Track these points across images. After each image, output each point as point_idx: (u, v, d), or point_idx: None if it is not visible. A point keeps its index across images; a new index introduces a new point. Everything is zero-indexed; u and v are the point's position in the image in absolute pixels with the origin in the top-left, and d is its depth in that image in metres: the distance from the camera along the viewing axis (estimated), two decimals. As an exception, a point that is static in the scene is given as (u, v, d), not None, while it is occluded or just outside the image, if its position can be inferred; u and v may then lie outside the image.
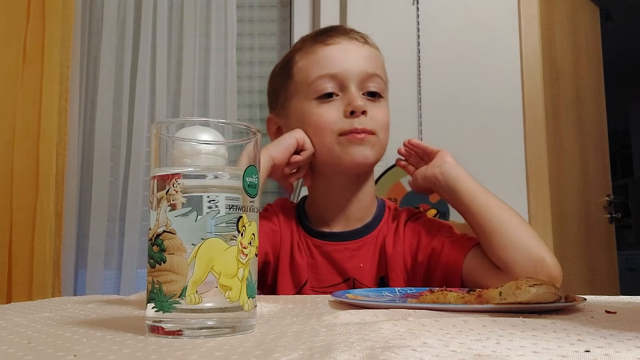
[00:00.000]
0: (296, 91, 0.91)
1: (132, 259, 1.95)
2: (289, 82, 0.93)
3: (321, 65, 0.88)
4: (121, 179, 2.00)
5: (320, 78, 0.88)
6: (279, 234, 0.90)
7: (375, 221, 0.92)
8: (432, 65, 2.04)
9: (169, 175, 0.41)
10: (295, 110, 0.91)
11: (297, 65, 0.92)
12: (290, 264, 0.89)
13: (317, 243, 0.90)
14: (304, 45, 0.93)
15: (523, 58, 2.03)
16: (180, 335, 0.39)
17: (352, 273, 0.87)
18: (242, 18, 2.17)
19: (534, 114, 2.01)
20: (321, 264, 0.89)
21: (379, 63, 0.93)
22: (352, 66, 0.88)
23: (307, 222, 0.93)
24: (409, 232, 0.90)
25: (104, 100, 2.02)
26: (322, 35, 0.92)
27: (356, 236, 0.90)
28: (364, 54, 0.91)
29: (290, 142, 0.87)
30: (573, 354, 0.31)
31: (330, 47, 0.89)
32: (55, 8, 1.93)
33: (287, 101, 0.93)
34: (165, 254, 0.40)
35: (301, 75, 0.91)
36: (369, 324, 0.43)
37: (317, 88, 0.88)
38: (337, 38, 0.90)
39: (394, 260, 0.88)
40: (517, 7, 2.06)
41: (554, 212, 1.99)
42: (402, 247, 0.89)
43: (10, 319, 0.50)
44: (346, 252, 0.89)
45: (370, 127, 0.86)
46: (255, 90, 2.17)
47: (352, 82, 0.87)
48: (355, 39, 0.91)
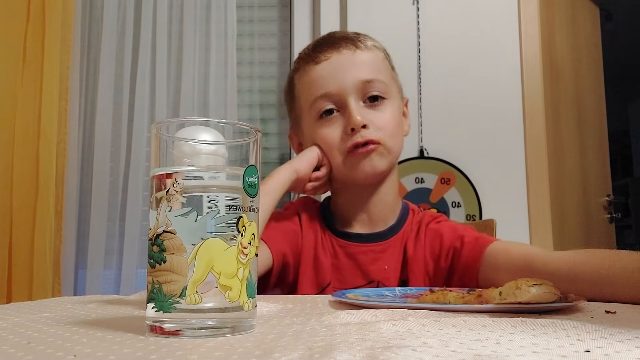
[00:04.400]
0: (301, 112, 0.93)
1: (132, 259, 1.95)
2: (295, 104, 0.95)
3: (315, 86, 0.89)
4: (121, 179, 2.00)
5: (317, 100, 0.88)
6: (300, 234, 0.90)
7: (399, 223, 0.92)
8: (432, 65, 2.04)
9: (169, 175, 0.41)
10: (305, 129, 0.93)
11: (296, 88, 0.94)
12: (314, 264, 0.88)
13: (341, 243, 0.90)
14: (299, 66, 0.93)
15: (523, 58, 2.03)
16: (180, 335, 0.39)
17: (376, 275, 0.86)
18: (242, 18, 2.17)
19: (534, 114, 2.01)
20: (345, 265, 0.88)
21: (377, 66, 0.91)
22: (346, 80, 0.87)
23: (332, 222, 0.93)
24: (430, 235, 0.89)
25: (104, 100, 2.02)
26: (313, 52, 0.91)
27: (381, 238, 0.90)
28: (356, 62, 0.89)
29: (313, 156, 0.89)
30: (573, 354, 0.31)
31: (321, 65, 0.89)
32: (55, 8, 1.93)
33: (299, 121, 0.95)
34: (165, 254, 0.40)
35: (302, 99, 0.92)
36: (369, 324, 0.43)
37: (316, 109, 0.89)
38: (327, 53, 0.89)
39: (415, 263, 0.87)
40: (517, 7, 2.06)
41: (553, 212, 1.99)
42: (423, 251, 0.88)
43: (10, 319, 0.50)
44: (371, 254, 0.88)
45: (374, 137, 0.86)
46: (255, 90, 2.17)
47: (350, 95, 0.87)
48: (345, 47, 0.89)
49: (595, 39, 2.67)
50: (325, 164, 0.90)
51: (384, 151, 0.87)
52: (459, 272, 0.83)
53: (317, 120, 0.89)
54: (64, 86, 1.96)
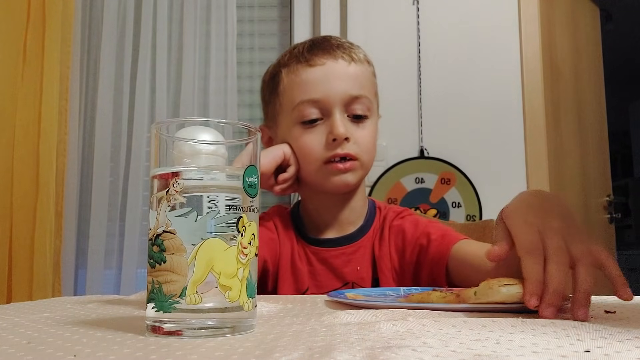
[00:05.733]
0: (282, 110, 0.92)
1: (132, 259, 1.95)
2: (275, 99, 0.93)
3: (304, 89, 0.87)
4: (121, 179, 2.00)
5: (303, 103, 0.87)
6: (277, 243, 0.90)
7: (367, 223, 0.93)
8: (432, 65, 2.04)
9: (169, 175, 0.41)
10: (282, 128, 0.92)
11: (282, 83, 0.91)
12: (292, 270, 0.89)
13: (314, 250, 0.91)
14: (290, 62, 0.91)
15: (523, 58, 2.03)
16: (180, 335, 0.39)
17: (350, 277, 0.88)
18: (242, 18, 2.17)
19: (534, 114, 2.01)
20: (320, 270, 0.89)
21: (366, 81, 0.91)
22: (336, 90, 0.86)
23: (303, 230, 0.93)
24: (393, 231, 0.91)
25: (104, 100, 2.02)
26: (308, 53, 0.90)
27: (351, 240, 0.91)
28: (349, 74, 0.88)
29: (277, 154, 0.88)
30: (573, 354, 0.31)
31: (314, 69, 0.88)
32: (55, 8, 1.92)
33: (276, 116, 0.94)
34: (165, 254, 0.40)
35: (286, 97, 0.90)
36: (369, 324, 0.43)
37: (300, 113, 0.87)
38: (322, 58, 0.88)
39: (382, 261, 0.89)
40: (517, 7, 2.06)
41: (554, 212, 1.99)
42: (388, 248, 0.90)
43: (10, 319, 0.50)
44: (343, 256, 0.89)
45: (354, 151, 0.86)
46: (255, 90, 2.16)
47: (336, 106, 0.86)
48: (341, 57, 0.89)
49: (595, 39, 2.67)
50: (292, 164, 0.89)
51: (359, 167, 0.88)
52: (426, 268, 0.85)
53: (298, 125, 0.88)
54: (64, 86, 1.96)
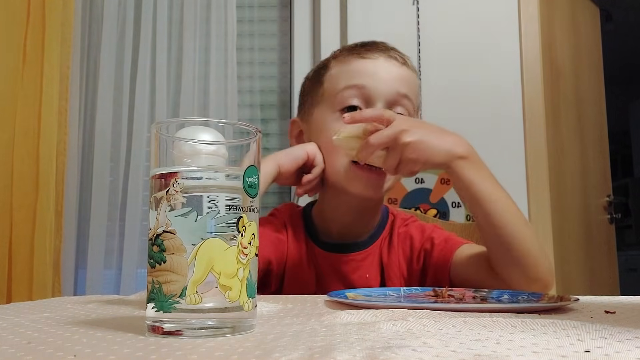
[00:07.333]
0: (322, 98, 0.89)
1: (132, 259, 1.95)
2: (318, 87, 0.90)
3: (352, 76, 0.85)
4: (121, 179, 2.00)
5: (347, 88, 0.84)
6: (286, 244, 0.88)
7: (378, 230, 0.91)
8: (432, 65, 2.04)
9: (169, 175, 0.41)
10: (318, 118, 0.88)
11: (329, 72, 0.89)
12: (299, 274, 0.88)
13: (324, 255, 0.89)
14: (341, 54, 0.90)
15: (523, 58, 2.03)
16: (180, 335, 0.39)
17: (358, 284, 0.86)
18: (242, 18, 2.17)
19: (534, 114, 2.01)
20: (328, 275, 0.88)
21: (413, 87, 0.89)
22: (384, 84, 0.84)
23: (314, 233, 0.91)
24: (401, 239, 0.90)
25: (104, 100, 2.02)
26: (361, 47, 0.89)
27: (362, 247, 0.89)
28: (400, 74, 0.87)
29: (300, 155, 0.85)
30: (573, 354, 0.31)
31: (365, 60, 0.86)
32: (55, 8, 1.92)
33: (312, 106, 0.91)
34: (165, 254, 0.40)
35: (331, 83, 0.88)
36: (369, 324, 0.43)
37: (342, 99, 0.84)
38: (375, 53, 0.87)
39: (390, 268, 0.88)
40: (517, 7, 2.07)
41: (554, 212, 1.99)
42: (397, 255, 0.88)
43: (10, 319, 0.50)
44: (352, 263, 0.88)
45: None
46: (255, 90, 2.17)
47: (380, 100, 0.83)
48: (394, 57, 0.87)
49: (595, 39, 2.67)
50: (318, 164, 0.85)
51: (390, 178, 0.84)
52: (431, 271, 0.85)
53: (337, 111, 0.85)
54: (64, 86, 1.96)
